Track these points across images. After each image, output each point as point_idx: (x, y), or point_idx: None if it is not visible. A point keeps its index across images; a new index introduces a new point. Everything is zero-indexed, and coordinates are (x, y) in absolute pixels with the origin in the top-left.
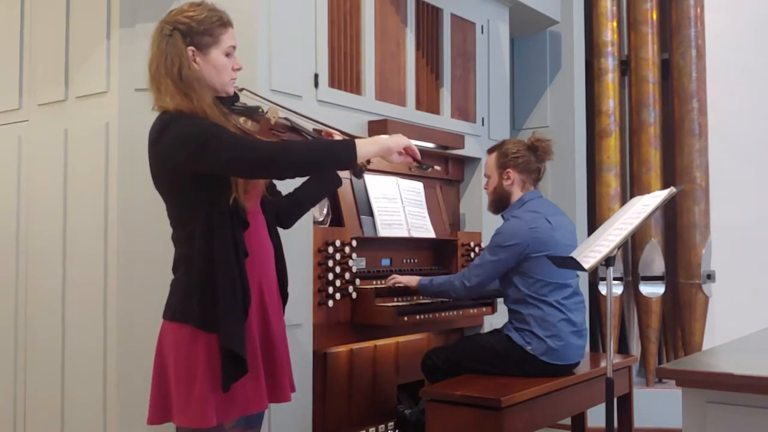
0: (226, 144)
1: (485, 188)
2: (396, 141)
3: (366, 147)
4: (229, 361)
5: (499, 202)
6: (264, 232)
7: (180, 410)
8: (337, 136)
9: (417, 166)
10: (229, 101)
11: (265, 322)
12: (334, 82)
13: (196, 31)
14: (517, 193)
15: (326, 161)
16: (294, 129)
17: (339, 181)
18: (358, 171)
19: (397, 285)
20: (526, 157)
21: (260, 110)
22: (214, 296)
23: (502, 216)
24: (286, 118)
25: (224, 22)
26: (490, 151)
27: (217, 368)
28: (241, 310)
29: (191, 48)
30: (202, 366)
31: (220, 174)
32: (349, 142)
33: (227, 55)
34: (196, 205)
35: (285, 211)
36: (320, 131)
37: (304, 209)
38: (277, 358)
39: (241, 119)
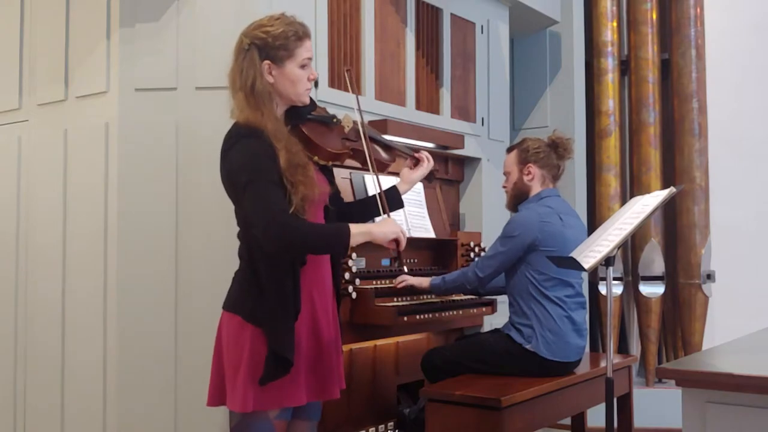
0: (252, 201)
1: (503, 186)
2: (384, 232)
3: (356, 237)
4: (274, 360)
5: (518, 198)
6: None
7: (229, 395)
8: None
9: (394, 257)
10: (306, 111)
11: (315, 326)
12: (333, 82)
13: (271, 46)
14: (536, 189)
15: (324, 249)
16: (368, 137)
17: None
18: (431, 176)
19: (406, 286)
20: (547, 153)
21: (335, 119)
22: (264, 298)
23: (517, 208)
24: (360, 124)
25: (300, 36)
26: (509, 149)
27: (260, 361)
28: (291, 316)
29: (267, 62)
30: (246, 356)
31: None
32: (346, 232)
33: (303, 66)
34: None
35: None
36: (391, 145)
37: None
38: (325, 360)
39: (313, 129)
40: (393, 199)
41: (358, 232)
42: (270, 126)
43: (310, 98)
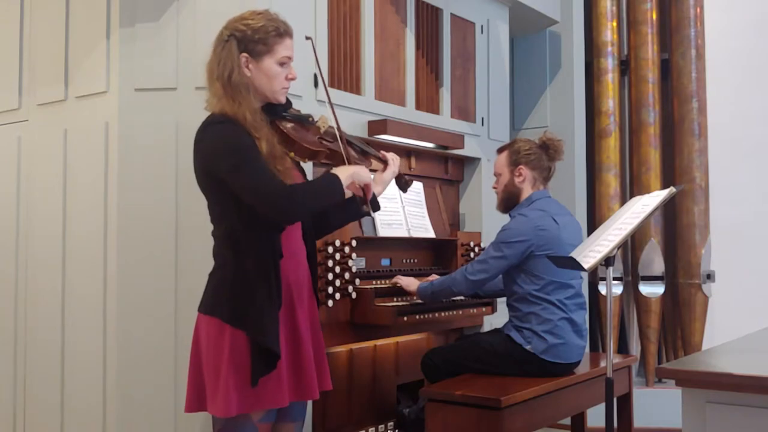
0: (251, 180)
1: (494, 187)
2: (366, 175)
3: (346, 181)
4: (261, 356)
5: (509, 200)
6: (297, 234)
7: (210, 400)
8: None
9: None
10: (282, 109)
11: (292, 322)
12: (333, 82)
13: (250, 39)
14: (527, 191)
15: (328, 200)
16: (343, 139)
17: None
18: (404, 184)
19: (396, 285)
20: (538, 155)
21: (310, 119)
22: (246, 294)
23: (510, 214)
24: (333, 128)
25: (280, 33)
26: (500, 150)
27: (241, 363)
28: (275, 309)
29: (244, 55)
30: (226, 359)
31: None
32: (337, 180)
33: (281, 64)
34: (234, 206)
35: (315, 225)
36: (365, 149)
37: (331, 228)
38: (303, 357)
39: (290, 125)
40: (371, 202)
41: (345, 176)
42: (248, 116)
43: (287, 98)
